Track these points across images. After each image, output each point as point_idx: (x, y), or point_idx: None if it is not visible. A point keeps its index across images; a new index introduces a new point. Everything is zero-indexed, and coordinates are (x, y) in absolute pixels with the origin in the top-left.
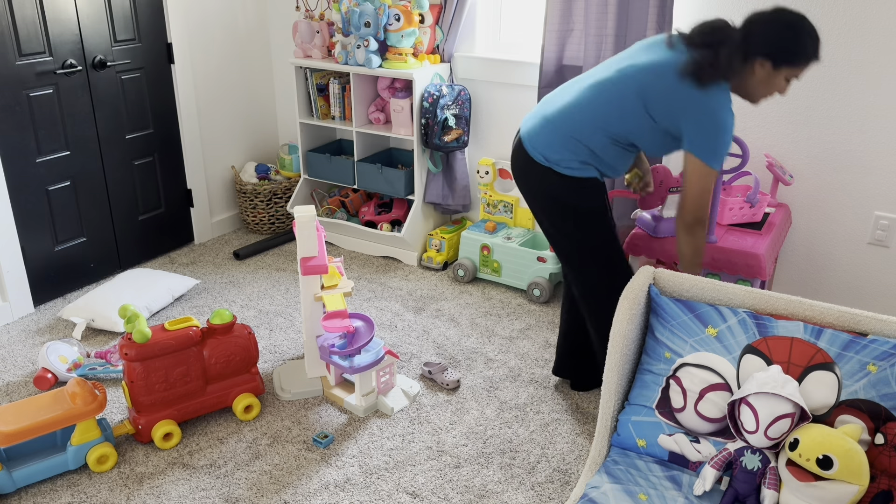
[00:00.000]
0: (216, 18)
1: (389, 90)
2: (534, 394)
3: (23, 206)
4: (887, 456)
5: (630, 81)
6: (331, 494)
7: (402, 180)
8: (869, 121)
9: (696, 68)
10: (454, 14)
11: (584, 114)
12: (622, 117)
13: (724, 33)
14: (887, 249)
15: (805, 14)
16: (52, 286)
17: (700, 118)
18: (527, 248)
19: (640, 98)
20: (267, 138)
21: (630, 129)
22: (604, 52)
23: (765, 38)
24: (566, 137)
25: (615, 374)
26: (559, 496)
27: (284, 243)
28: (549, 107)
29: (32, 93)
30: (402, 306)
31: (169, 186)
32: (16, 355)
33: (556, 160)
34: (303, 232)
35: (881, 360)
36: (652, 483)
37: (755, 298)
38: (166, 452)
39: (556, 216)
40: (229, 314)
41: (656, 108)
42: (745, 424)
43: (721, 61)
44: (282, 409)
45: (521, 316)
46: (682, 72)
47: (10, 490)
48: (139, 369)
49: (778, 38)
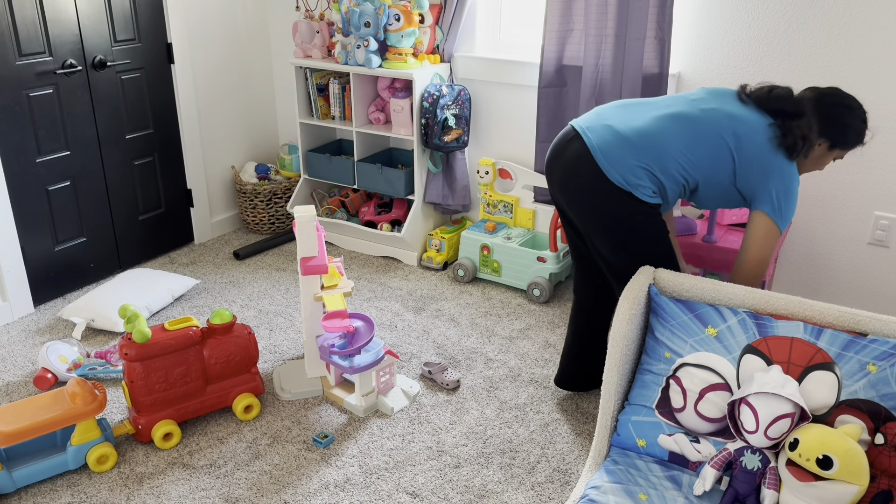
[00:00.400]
0: (216, 18)
1: (389, 90)
2: (534, 394)
3: (23, 206)
4: (887, 456)
5: (722, 127)
6: (331, 494)
7: (402, 180)
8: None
9: (791, 142)
10: (454, 14)
11: (671, 144)
12: (712, 159)
13: (798, 105)
14: (887, 249)
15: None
16: (52, 286)
17: (782, 184)
18: (527, 248)
19: (733, 147)
20: (267, 138)
21: (709, 174)
22: (604, 52)
23: (830, 122)
24: (644, 163)
25: (615, 374)
26: (559, 496)
27: (284, 243)
28: (618, 122)
29: (32, 93)
30: (402, 306)
31: (169, 186)
32: (16, 355)
33: (635, 184)
34: (303, 232)
35: (881, 360)
36: (652, 483)
37: (755, 298)
38: (166, 452)
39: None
40: (229, 314)
41: (744, 162)
42: (745, 424)
43: (808, 140)
44: (282, 409)
45: (521, 316)
46: (774, 140)
47: (10, 490)
48: (139, 369)
49: (841, 123)
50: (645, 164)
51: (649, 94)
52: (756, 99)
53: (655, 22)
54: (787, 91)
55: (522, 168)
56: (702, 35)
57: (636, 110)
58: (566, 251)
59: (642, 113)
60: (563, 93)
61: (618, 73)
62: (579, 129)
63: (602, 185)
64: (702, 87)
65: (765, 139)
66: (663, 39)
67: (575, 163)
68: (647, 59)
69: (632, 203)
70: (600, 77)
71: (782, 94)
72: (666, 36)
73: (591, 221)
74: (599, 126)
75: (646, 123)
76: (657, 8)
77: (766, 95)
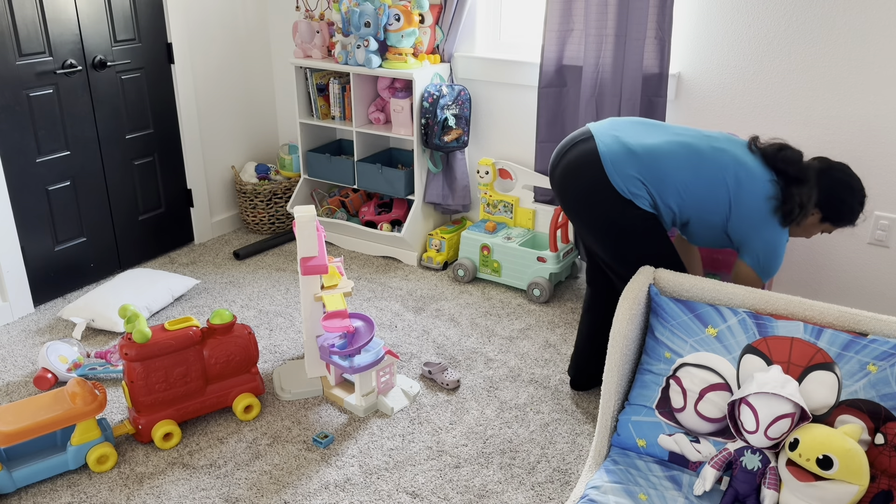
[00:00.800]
0: (216, 18)
1: (389, 90)
2: (534, 394)
3: (23, 206)
4: (887, 456)
5: (726, 168)
6: (331, 494)
7: (402, 180)
8: (869, 121)
9: (789, 209)
10: (454, 14)
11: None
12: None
13: (803, 171)
14: (887, 249)
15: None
16: (52, 286)
17: (769, 243)
18: (527, 248)
19: (732, 189)
20: (267, 138)
21: (703, 211)
22: (604, 52)
23: (829, 196)
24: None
25: (615, 374)
26: (559, 496)
27: (284, 243)
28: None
29: (32, 93)
30: (402, 306)
31: (169, 186)
32: (16, 355)
33: (634, 194)
34: (303, 232)
35: (881, 360)
36: (652, 483)
37: (755, 298)
38: (166, 452)
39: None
40: (229, 314)
41: (739, 209)
42: (745, 424)
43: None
44: (282, 409)
45: (521, 316)
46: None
47: (10, 490)
48: (139, 369)
49: (840, 200)
50: (644, 180)
51: (649, 94)
52: (764, 153)
53: (655, 22)
54: (797, 155)
55: (522, 168)
56: (702, 35)
57: (650, 130)
58: (566, 251)
59: (655, 133)
60: (563, 93)
61: (618, 73)
62: (594, 132)
63: (602, 187)
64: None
65: (763, 194)
66: (663, 39)
67: (580, 161)
68: (647, 59)
69: (627, 207)
70: (600, 77)
71: (791, 157)
72: (666, 36)
73: (586, 220)
74: (612, 134)
75: (655, 143)
76: (657, 8)
77: (774, 153)
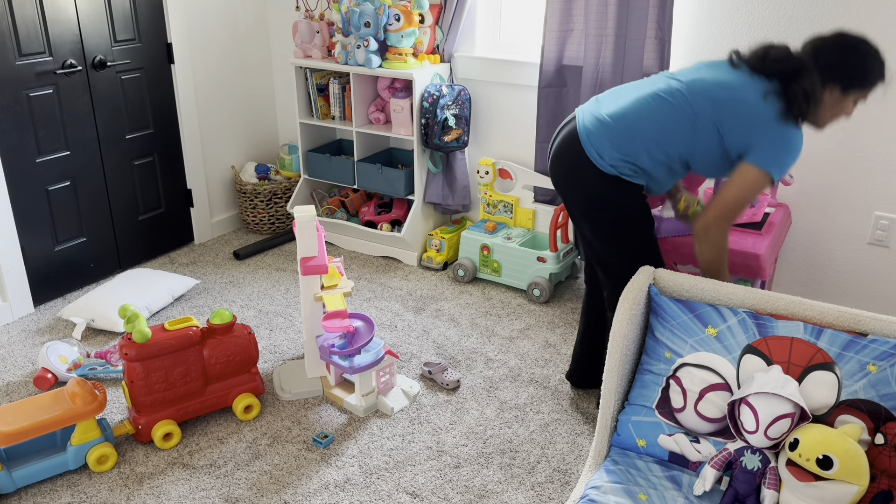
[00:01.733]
0: (216, 18)
1: (389, 90)
2: (534, 394)
3: (23, 206)
4: (887, 456)
5: (702, 98)
6: (331, 494)
7: (402, 180)
8: (869, 121)
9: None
10: (454, 14)
11: (644, 128)
12: (690, 133)
13: (797, 62)
14: (887, 249)
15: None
16: (52, 286)
17: (776, 140)
18: (527, 248)
19: (714, 115)
20: (267, 138)
21: (693, 148)
22: (604, 52)
23: (832, 65)
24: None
25: (615, 374)
26: (559, 496)
27: (284, 243)
28: (605, 107)
29: (32, 93)
30: (402, 306)
31: (169, 186)
32: (16, 355)
33: (613, 164)
34: (303, 232)
35: (881, 360)
36: (652, 483)
37: (755, 298)
38: (166, 452)
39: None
40: (229, 314)
41: (731, 128)
42: (745, 424)
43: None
44: (282, 409)
45: (521, 316)
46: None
47: (10, 490)
48: (139, 369)
49: (845, 63)
50: (619, 146)
51: None
52: (749, 63)
53: (655, 22)
54: (784, 50)
55: (522, 168)
56: (702, 35)
57: (624, 93)
58: (566, 251)
59: (627, 95)
60: (563, 93)
61: (618, 72)
62: (577, 112)
63: (585, 168)
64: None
65: (752, 100)
66: (663, 39)
67: (564, 145)
68: (647, 59)
69: (615, 185)
70: (600, 77)
71: (778, 55)
72: (666, 36)
73: (574, 200)
74: (589, 111)
75: (625, 106)
76: (657, 8)
77: (760, 60)
